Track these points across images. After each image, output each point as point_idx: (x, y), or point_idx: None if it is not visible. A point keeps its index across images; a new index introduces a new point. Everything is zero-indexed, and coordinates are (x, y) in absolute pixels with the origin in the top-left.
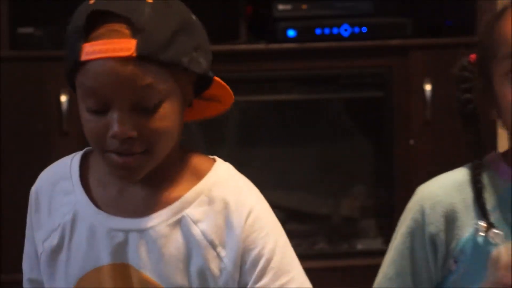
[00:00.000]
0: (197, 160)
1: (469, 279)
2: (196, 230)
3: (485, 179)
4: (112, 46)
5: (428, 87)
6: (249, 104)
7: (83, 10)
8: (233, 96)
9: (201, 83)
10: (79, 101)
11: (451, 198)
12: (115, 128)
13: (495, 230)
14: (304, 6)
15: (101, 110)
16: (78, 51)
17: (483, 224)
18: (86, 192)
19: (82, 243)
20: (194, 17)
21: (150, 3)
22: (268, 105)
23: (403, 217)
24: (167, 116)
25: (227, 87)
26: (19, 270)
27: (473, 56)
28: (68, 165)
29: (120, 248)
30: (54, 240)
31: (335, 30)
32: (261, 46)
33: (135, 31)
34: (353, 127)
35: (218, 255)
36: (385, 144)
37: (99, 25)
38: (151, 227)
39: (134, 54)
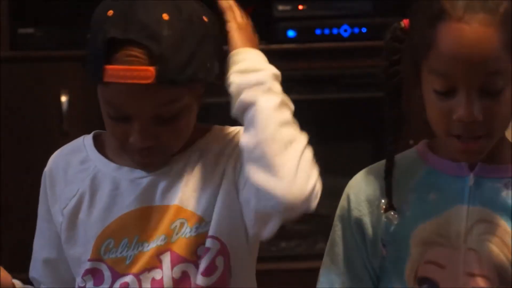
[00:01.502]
0: (198, 124)
1: (395, 262)
2: (206, 151)
3: (410, 162)
4: (132, 74)
5: None
6: None
7: (102, 26)
8: None
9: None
10: (100, 105)
11: (373, 183)
12: (136, 138)
13: (391, 212)
14: (304, 7)
15: (123, 118)
16: (101, 71)
17: (383, 203)
18: (104, 157)
19: (103, 197)
20: (206, 17)
21: (167, 21)
22: None
23: (336, 212)
24: (185, 126)
25: None
26: (19, 270)
27: (405, 21)
28: (80, 141)
29: (146, 192)
30: (72, 205)
31: (335, 31)
32: (261, 46)
33: (154, 59)
34: (353, 127)
35: (225, 169)
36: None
37: (119, 47)
38: (174, 167)
39: (154, 82)
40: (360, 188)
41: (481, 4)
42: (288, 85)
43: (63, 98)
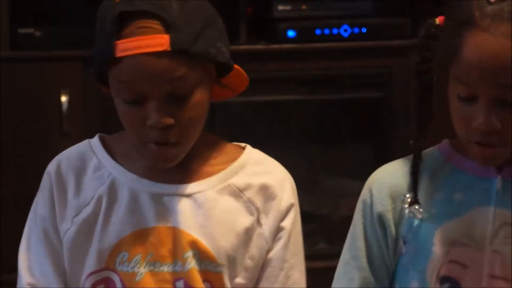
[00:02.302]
0: (229, 143)
1: (415, 260)
2: (243, 197)
3: (433, 161)
4: (146, 42)
5: None
6: (249, 104)
7: (110, 8)
8: (247, 84)
9: (221, 70)
10: (114, 95)
11: (396, 180)
12: (154, 117)
13: (416, 206)
14: (304, 7)
15: (138, 101)
16: (111, 48)
17: (409, 197)
18: (119, 164)
19: (121, 208)
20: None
21: None
22: (268, 105)
23: (356, 206)
24: (199, 104)
25: (245, 75)
26: None
27: (440, 19)
28: (87, 146)
29: (166, 211)
30: (87, 213)
31: (335, 31)
32: (261, 46)
33: (167, 27)
34: (353, 127)
35: (259, 221)
36: (385, 144)
37: (130, 23)
38: (199, 192)
39: (169, 49)
40: (384, 183)
41: (510, 15)
42: (288, 85)
43: (63, 98)
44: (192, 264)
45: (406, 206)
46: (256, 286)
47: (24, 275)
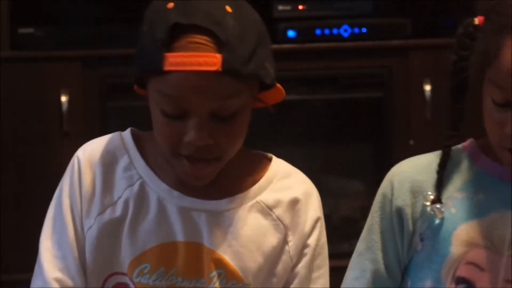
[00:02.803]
0: (255, 153)
1: (431, 259)
2: (272, 215)
3: (458, 160)
4: (198, 60)
5: (427, 87)
6: None
7: (163, 15)
8: (283, 98)
9: (263, 87)
10: (152, 103)
11: (419, 175)
12: (193, 135)
13: (437, 205)
14: (304, 7)
15: (178, 116)
16: (160, 59)
17: (431, 195)
18: (150, 169)
19: (149, 218)
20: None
21: (231, 13)
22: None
23: (375, 198)
24: (242, 125)
25: (282, 92)
26: (19, 270)
27: (480, 18)
28: (119, 140)
29: (194, 227)
30: (113, 214)
31: (335, 31)
32: None
33: (220, 45)
34: (353, 128)
35: (286, 239)
36: (385, 144)
37: (182, 35)
38: (228, 210)
39: (220, 69)
40: (405, 178)
41: None
42: (288, 85)
43: (63, 98)
44: (216, 284)
45: (428, 204)
46: None
47: (47, 268)
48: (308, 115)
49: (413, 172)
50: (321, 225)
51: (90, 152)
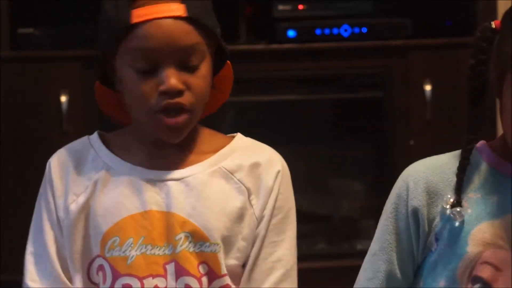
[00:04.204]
0: (218, 132)
1: (447, 259)
2: (234, 178)
3: (472, 161)
4: (161, 8)
5: (428, 87)
6: (249, 104)
7: None
8: (231, 82)
9: (216, 65)
10: (124, 68)
11: (434, 176)
12: (167, 81)
13: (457, 209)
14: (304, 7)
15: (150, 70)
16: (127, 16)
17: (451, 198)
18: (115, 155)
19: (114, 194)
20: None
21: None
22: (268, 105)
23: (389, 197)
24: (206, 77)
25: (231, 72)
26: (19, 270)
27: (497, 22)
28: (86, 141)
29: (158, 196)
30: (82, 200)
31: (335, 31)
32: (261, 46)
33: None
34: (353, 127)
35: (250, 202)
36: (385, 144)
37: None
38: (190, 175)
39: (185, 14)
40: (421, 178)
41: None
42: (288, 85)
43: (63, 98)
44: (184, 246)
45: (448, 207)
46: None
47: (30, 271)
48: (308, 115)
49: (428, 173)
50: (284, 192)
51: (60, 155)
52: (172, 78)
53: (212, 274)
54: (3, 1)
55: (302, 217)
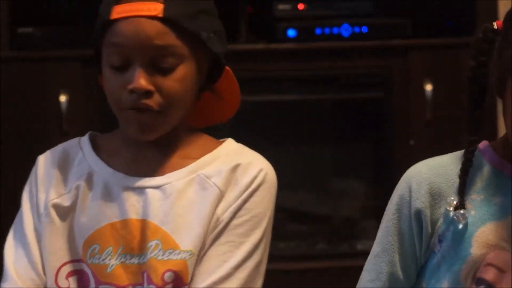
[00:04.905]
0: (208, 137)
1: (450, 260)
2: (209, 182)
3: (475, 162)
4: (140, 7)
5: (428, 87)
6: (249, 104)
7: None
8: (239, 92)
9: (214, 71)
10: (104, 65)
11: (437, 177)
12: (135, 80)
13: (461, 211)
14: (304, 6)
15: (123, 66)
16: (108, 12)
17: (454, 200)
18: (100, 159)
19: (96, 201)
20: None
21: None
22: (268, 105)
23: (391, 198)
24: (182, 79)
25: (235, 80)
26: None
27: (499, 23)
28: (76, 142)
29: (137, 204)
30: (66, 202)
31: (335, 30)
32: (261, 46)
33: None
34: (353, 127)
35: (219, 203)
36: (385, 144)
37: None
38: (168, 183)
39: (160, 15)
40: (424, 180)
41: None
42: (288, 85)
43: (63, 98)
44: (153, 254)
45: (451, 209)
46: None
47: (10, 267)
48: (308, 115)
49: (431, 174)
50: (261, 194)
51: (49, 154)
52: (141, 78)
53: (180, 282)
54: (3, 1)
55: (302, 217)
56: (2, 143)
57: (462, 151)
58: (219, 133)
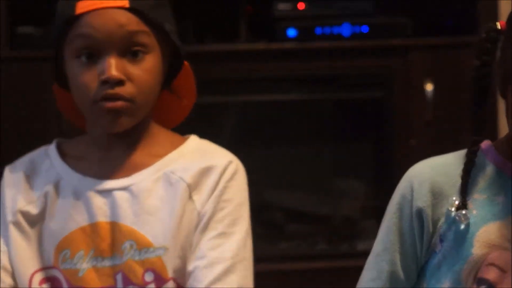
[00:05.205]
0: (174, 133)
1: (451, 260)
2: (175, 177)
3: (478, 162)
4: (106, 1)
5: (428, 87)
6: (249, 104)
7: None
8: (195, 89)
9: (174, 66)
10: (69, 61)
11: (439, 176)
12: (107, 72)
13: (463, 211)
14: (304, 6)
15: (92, 59)
16: (72, 8)
17: (456, 200)
18: (67, 165)
19: (65, 207)
20: None
21: None
22: (268, 105)
23: (392, 197)
24: (150, 70)
25: (192, 75)
26: None
27: (502, 23)
28: (42, 151)
29: (105, 207)
30: (34, 209)
31: (335, 30)
32: (261, 45)
33: None
34: (353, 127)
35: (191, 198)
36: (386, 144)
37: None
38: (135, 184)
39: (127, 6)
40: (425, 178)
41: None
42: (288, 85)
43: None
44: (129, 255)
45: (453, 209)
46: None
47: None
48: (308, 115)
49: (433, 174)
50: (234, 184)
51: (14, 165)
52: (113, 68)
53: (160, 280)
54: (2, 1)
55: (302, 217)
56: (2, 143)
57: (465, 150)
58: (219, 133)
